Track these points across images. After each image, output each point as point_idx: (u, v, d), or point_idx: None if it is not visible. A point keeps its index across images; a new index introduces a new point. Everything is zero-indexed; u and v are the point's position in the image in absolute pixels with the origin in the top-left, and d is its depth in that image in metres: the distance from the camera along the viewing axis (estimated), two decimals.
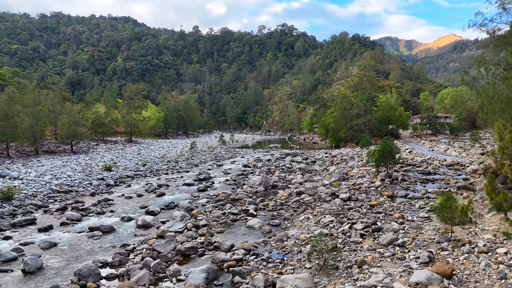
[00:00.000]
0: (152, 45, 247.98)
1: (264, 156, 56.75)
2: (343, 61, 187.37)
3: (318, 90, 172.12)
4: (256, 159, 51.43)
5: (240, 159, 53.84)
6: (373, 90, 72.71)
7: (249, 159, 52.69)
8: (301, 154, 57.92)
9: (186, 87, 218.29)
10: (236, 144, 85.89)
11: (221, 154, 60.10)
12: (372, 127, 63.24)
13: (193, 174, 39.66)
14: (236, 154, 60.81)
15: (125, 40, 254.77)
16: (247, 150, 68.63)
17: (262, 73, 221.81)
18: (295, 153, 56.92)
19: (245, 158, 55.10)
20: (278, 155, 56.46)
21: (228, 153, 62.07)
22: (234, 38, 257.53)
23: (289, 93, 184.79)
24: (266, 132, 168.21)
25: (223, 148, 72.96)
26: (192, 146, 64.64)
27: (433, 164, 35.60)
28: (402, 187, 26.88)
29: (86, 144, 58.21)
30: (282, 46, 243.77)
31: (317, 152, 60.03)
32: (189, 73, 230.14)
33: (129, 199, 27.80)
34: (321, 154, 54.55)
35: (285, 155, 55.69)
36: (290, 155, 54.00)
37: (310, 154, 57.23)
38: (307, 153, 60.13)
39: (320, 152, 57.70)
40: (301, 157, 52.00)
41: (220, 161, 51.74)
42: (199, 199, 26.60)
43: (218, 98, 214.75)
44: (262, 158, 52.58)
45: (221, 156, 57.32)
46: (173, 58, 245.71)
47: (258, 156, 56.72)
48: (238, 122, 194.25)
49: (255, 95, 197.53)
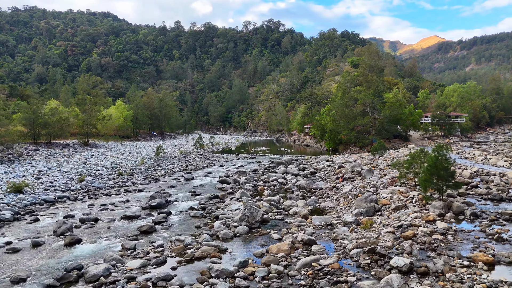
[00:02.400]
0: (130, 40, 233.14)
1: (249, 164, 44.98)
2: (333, 58, 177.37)
3: (308, 88, 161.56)
4: (238, 169, 39.54)
5: (217, 169, 41.89)
6: (381, 84, 61.57)
7: (230, 169, 40.81)
8: (295, 161, 46.28)
9: (166, 84, 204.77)
10: (217, 147, 73.57)
11: (194, 162, 48.03)
12: (379, 127, 52.15)
13: (147, 194, 27.54)
14: (213, 162, 48.83)
15: (102, 35, 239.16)
16: (228, 156, 56.63)
17: (247, 70, 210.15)
18: (288, 161, 45.14)
19: (224, 168, 43.20)
20: (267, 163, 44.72)
21: (204, 161, 50.03)
22: (218, 34, 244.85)
23: (276, 91, 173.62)
24: (252, 133, 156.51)
25: (199, 153, 60.69)
26: (158, 152, 52.10)
27: (494, 181, 24.43)
28: (488, 233, 15.44)
29: (22, 149, 45.12)
30: (269, 42, 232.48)
31: (314, 158, 48.55)
32: (170, 69, 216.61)
33: (9, 255, 15.62)
34: (321, 161, 43.06)
35: (275, 163, 43.88)
36: (283, 164, 42.23)
37: (306, 161, 45.67)
38: (302, 159, 48.55)
39: (319, 159, 46.20)
40: (296, 166, 40.40)
41: (191, 172, 39.63)
42: (126, 262, 14.56)
43: (201, 96, 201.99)
44: (246, 168, 40.74)
45: (194, 165, 45.26)
46: (153, 54, 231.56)
47: (241, 164, 44.86)
48: (222, 122, 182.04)
49: (240, 93, 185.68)
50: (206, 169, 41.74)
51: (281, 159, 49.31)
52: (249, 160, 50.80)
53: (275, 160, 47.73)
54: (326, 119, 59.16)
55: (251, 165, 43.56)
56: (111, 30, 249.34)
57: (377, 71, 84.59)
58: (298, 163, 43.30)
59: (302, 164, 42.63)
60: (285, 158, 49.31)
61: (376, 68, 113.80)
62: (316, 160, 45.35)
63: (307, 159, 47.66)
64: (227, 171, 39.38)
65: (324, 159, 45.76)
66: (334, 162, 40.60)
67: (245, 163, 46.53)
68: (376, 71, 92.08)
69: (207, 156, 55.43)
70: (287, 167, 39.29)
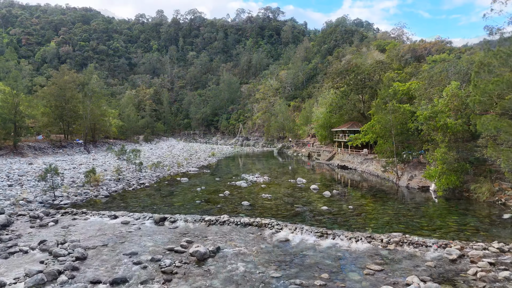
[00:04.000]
0: (99, 28, 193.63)
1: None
2: (347, 46, 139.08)
3: (317, 82, 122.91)
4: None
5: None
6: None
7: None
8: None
9: (139, 80, 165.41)
10: (144, 175, 33.86)
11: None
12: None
13: None
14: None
15: (68, 23, 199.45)
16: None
17: (240, 64, 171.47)
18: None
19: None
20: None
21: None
22: (206, 24, 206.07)
23: (276, 87, 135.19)
24: (243, 141, 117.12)
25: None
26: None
27: None
28: None
29: None
30: (266, 32, 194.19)
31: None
32: (145, 62, 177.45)
33: None
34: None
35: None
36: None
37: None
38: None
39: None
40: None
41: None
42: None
43: (182, 95, 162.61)
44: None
45: None
46: (126, 45, 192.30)
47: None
48: (206, 126, 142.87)
49: (229, 90, 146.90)
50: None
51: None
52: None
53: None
54: (443, 115, 20.27)
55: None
56: (80, 18, 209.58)
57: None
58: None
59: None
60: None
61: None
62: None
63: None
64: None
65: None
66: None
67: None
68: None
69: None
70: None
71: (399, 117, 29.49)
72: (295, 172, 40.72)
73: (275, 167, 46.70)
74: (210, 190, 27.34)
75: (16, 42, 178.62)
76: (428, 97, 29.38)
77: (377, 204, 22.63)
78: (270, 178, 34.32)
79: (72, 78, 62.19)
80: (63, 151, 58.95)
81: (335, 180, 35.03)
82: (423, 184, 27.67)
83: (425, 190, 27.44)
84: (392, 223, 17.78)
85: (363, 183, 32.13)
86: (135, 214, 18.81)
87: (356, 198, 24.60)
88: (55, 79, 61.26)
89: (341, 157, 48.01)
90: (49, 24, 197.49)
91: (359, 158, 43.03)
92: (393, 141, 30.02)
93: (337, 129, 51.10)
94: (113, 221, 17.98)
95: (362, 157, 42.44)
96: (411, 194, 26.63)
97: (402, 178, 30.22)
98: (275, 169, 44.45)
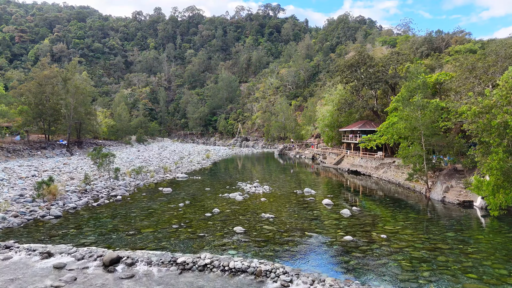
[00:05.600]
0: (95, 25, 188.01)
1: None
2: (350, 43, 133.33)
3: (320, 80, 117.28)
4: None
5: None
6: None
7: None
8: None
9: (136, 78, 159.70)
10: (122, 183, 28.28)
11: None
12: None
13: None
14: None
15: (63, 20, 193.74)
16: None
17: (239, 62, 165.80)
18: None
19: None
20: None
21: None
22: (204, 21, 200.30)
23: (276, 86, 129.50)
24: (242, 141, 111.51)
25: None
26: None
27: None
28: None
29: None
30: (266, 29, 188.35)
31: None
32: (142, 61, 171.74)
33: None
34: None
35: None
36: None
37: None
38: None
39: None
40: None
41: None
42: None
43: (179, 93, 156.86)
44: None
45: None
46: (123, 43, 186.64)
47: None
48: (204, 127, 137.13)
49: (228, 89, 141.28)
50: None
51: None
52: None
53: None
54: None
55: None
56: (76, 15, 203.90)
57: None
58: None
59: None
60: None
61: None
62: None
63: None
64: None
65: None
66: None
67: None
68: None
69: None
70: None
71: (429, 114, 23.84)
72: (300, 180, 35.00)
73: (276, 172, 41.00)
74: (196, 206, 21.65)
75: (9, 40, 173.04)
76: (468, 89, 23.81)
77: (417, 230, 16.92)
78: (271, 188, 28.63)
79: (53, 73, 56.46)
80: (42, 153, 53.25)
81: (348, 190, 29.32)
82: (464, 199, 21.99)
83: (468, 206, 21.77)
84: (455, 270, 12.04)
85: (384, 194, 26.45)
86: (79, 251, 13.12)
87: (384, 219, 18.91)
88: (34, 73, 55.57)
89: (351, 160, 42.29)
90: (43, 22, 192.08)
91: (373, 162, 37.33)
92: (422, 143, 24.35)
93: (346, 129, 45.36)
94: (43, 262, 12.31)
95: (377, 162, 36.74)
96: (451, 211, 20.98)
97: (435, 189, 24.53)
98: (277, 174, 38.75)
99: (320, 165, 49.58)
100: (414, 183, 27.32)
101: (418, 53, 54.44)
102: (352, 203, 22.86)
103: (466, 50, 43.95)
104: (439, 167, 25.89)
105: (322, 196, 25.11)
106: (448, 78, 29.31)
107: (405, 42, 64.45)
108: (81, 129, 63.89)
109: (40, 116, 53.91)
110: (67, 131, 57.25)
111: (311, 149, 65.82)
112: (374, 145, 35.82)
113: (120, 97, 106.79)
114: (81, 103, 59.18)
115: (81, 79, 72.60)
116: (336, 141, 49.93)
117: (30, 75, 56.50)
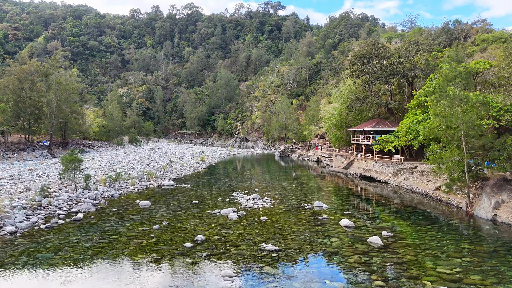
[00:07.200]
0: (90, 23, 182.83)
1: None
2: (354, 40, 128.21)
3: (322, 78, 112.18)
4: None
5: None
6: None
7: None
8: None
9: (132, 77, 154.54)
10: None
11: None
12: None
13: None
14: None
15: (58, 18, 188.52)
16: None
17: (238, 60, 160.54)
18: None
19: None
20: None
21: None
22: (203, 19, 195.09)
23: (277, 84, 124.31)
24: (242, 142, 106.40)
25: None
26: None
27: None
28: None
29: None
30: (266, 27, 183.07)
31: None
32: (139, 59, 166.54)
33: None
34: None
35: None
36: None
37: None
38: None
39: None
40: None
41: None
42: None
43: (177, 93, 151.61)
44: None
45: None
46: (119, 41, 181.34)
47: None
48: (202, 127, 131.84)
49: (227, 88, 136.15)
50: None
51: None
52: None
53: None
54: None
55: None
56: (72, 13, 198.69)
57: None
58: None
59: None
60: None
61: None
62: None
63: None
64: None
65: None
66: None
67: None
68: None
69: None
70: None
71: (474, 110, 18.79)
72: (307, 188, 29.91)
73: (278, 178, 35.88)
74: (175, 230, 16.57)
75: (2, 38, 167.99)
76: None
77: (486, 274, 11.85)
78: (273, 201, 23.53)
79: (33, 68, 51.45)
80: (19, 155, 48.15)
81: (368, 203, 24.15)
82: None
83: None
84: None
85: (413, 209, 21.35)
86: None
87: (430, 253, 13.79)
88: (12, 68, 50.61)
89: (364, 164, 37.16)
90: (38, 19, 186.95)
91: (390, 167, 32.21)
92: (463, 146, 19.30)
93: (356, 129, 40.30)
94: None
95: (394, 166, 31.63)
96: (508, 235, 15.95)
97: (480, 204, 19.45)
98: (279, 181, 33.65)
99: (327, 168, 44.47)
100: (449, 195, 22.25)
101: (435, 44, 49.63)
102: (378, 224, 17.78)
103: (495, 39, 39.13)
104: (482, 175, 20.85)
105: (337, 213, 20.06)
106: (488, 67, 24.33)
107: (417, 35, 59.56)
108: (67, 129, 58.88)
109: (19, 114, 48.92)
110: (49, 131, 52.20)
111: (315, 151, 60.74)
112: (393, 148, 30.75)
113: (112, 95, 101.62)
114: (65, 101, 54.13)
115: (67, 75, 67.38)
116: (345, 142, 44.85)
117: (8, 70, 51.67)
